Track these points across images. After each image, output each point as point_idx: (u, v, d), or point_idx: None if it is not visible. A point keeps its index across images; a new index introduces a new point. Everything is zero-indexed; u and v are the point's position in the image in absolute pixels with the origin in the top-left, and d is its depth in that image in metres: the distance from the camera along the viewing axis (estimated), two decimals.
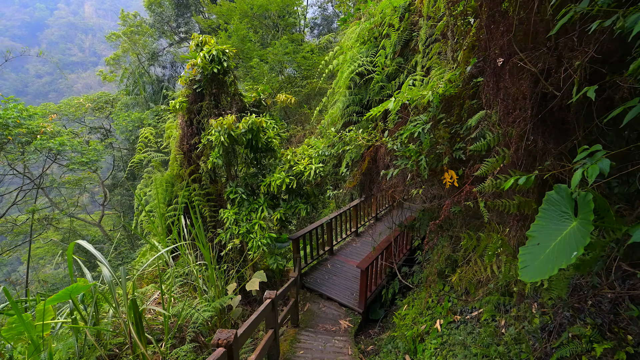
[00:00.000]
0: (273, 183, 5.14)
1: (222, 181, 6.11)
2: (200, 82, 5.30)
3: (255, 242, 5.14)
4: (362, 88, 4.67)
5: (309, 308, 6.14)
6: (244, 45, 12.42)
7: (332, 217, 7.58)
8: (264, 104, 6.03)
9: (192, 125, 5.54)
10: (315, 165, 4.92)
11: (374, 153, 4.25)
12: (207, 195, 5.73)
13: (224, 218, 5.39)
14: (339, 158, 4.99)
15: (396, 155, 3.43)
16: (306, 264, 7.14)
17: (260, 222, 5.28)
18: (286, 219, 5.66)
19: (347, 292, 6.43)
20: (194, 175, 5.58)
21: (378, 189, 4.69)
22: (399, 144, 3.15)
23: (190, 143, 5.59)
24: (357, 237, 8.77)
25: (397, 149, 3.15)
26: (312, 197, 5.95)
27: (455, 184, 2.88)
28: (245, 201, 5.56)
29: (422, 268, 5.55)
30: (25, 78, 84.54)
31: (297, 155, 5.29)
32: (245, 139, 4.98)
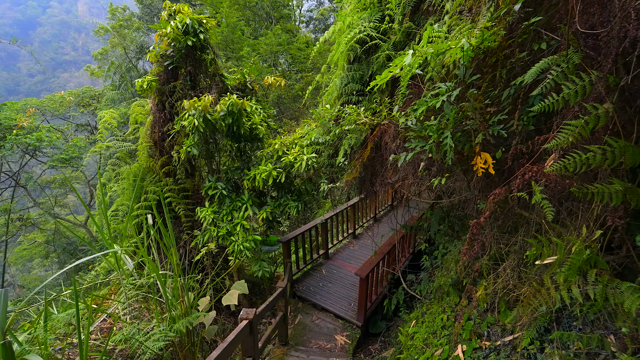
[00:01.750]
0: (258, 177, 4.37)
1: (202, 175, 5.33)
2: (173, 57, 4.52)
3: (237, 246, 4.37)
4: (363, 62, 3.93)
5: (300, 321, 5.37)
6: (234, 35, 11.64)
7: (327, 218, 6.83)
8: (249, 88, 5.27)
9: (165, 109, 4.76)
10: (307, 155, 4.17)
11: (379, 137, 3.51)
12: (182, 191, 4.94)
13: (201, 218, 4.61)
14: (335, 147, 4.24)
15: (409, 137, 2.69)
16: (298, 270, 6.37)
17: (244, 222, 4.51)
18: (274, 219, 4.89)
19: (344, 301, 5.68)
20: (166, 168, 4.79)
21: (382, 184, 3.94)
22: (414, 119, 2.41)
23: (163, 131, 4.81)
24: (355, 240, 8.03)
25: (412, 126, 2.41)
26: (305, 194, 5.19)
27: (491, 170, 2.14)
28: (226, 198, 4.79)
29: (430, 276, 4.81)
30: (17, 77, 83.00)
31: (286, 144, 4.53)
32: (224, 125, 4.21)
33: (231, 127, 4.30)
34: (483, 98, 2.20)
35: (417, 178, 3.29)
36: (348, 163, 3.74)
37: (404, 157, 2.51)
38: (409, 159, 2.45)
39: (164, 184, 4.69)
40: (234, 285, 3.81)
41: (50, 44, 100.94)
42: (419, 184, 3.34)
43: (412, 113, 2.57)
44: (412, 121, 2.41)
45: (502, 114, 2.08)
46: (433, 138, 2.29)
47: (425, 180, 3.19)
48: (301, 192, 5.18)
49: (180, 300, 3.03)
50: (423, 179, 3.24)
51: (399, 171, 3.47)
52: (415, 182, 3.25)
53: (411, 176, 3.31)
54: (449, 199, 3.37)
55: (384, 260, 5.43)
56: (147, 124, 4.90)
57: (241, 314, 2.80)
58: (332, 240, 7.33)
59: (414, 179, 3.29)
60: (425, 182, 3.15)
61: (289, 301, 5.85)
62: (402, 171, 3.45)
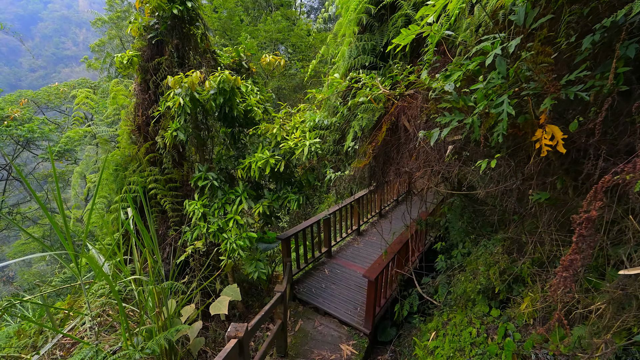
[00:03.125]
0: (254, 165, 3.81)
1: (193, 165, 4.77)
2: (157, 30, 3.95)
3: (230, 244, 3.83)
4: (375, 31, 3.35)
5: (301, 327, 4.85)
6: (232, 21, 11.02)
7: (330, 213, 6.28)
8: (245, 67, 4.69)
9: (149, 90, 4.19)
10: (309, 140, 3.60)
11: (396, 117, 2.94)
12: (169, 182, 4.39)
13: (189, 212, 4.07)
14: (342, 131, 3.67)
15: (440, 111, 2.12)
16: (299, 269, 5.84)
17: (237, 217, 3.96)
18: (272, 214, 4.34)
19: (349, 305, 5.15)
20: (150, 156, 4.23)
21: (397, 173, 3.38)
22: (452, 84, 1.84)
23: (147, 114, 4.25)
24: (360, 237, 7.49)
25: (451, 90, 1.83)
26: (306, 187, 4.64)
27: (561, 147, 1.58)
28: (218, 190, 4.24)
29: (448, 279, 4.26)
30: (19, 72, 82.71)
31: (286, 129, 3.97)
32: (215, 105, 3.65)
33: (223, 108, 3.73)
34: (552, 50, 1.62)
35: (442, 165, 2.72)
36: (358, 148, 3.17)
37: (437, 133, 1.93)
38: (445, 134, 1.87)
39: (148, 173, 4.14)
40: (224, 290, 3.28)
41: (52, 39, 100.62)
42: (443, 172, 2.77)
43: (450, 76, 1.99)
44: (450, 85, 1.84)
45: (581, 71, 1.51)
46: (480, 107, 1.71)
47: (454, 167, 2.62)
48: (302, 184, 4.63)
49: (157, 311, 2.50)
50: (451, 165, 2.67)
51: (420, 157, 2.90)
52: (441, 169, 2.69)
53: (436, 163, 2.74)
54: (470, 190, 2.80)
55: (393, 260, 4.88)
56: (129, 107, 4.35)
57: (229, 330, 2.26)
58: (335, 237, 6.80)
59: (439, 166, 2.72)
60: (454, 169, 2.59)
61: (289, 304, 5.33)
62: (422, 157, 2.89)
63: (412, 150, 2.98)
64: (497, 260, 2.82)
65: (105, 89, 18.76)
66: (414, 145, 2.91)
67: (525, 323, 2.76)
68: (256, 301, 6.12)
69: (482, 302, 3.21)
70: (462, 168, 2.59)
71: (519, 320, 2.79)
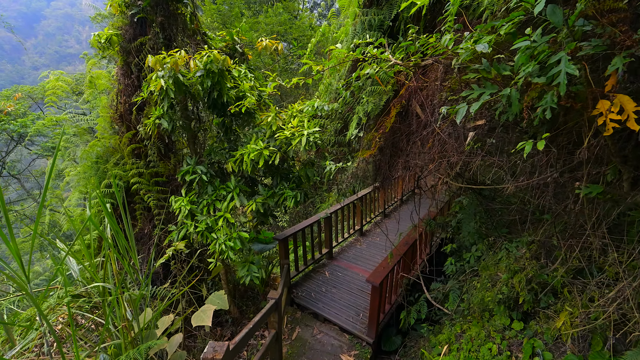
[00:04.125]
0: (246, 157, 3.43)
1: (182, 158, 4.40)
2: (140, 6, 3.57)
3: (219, 245, 3.45)
4: (383, 5, 2.95)
5: (299, 335, 4.47)
6: (232, 12, 10.64)
7: (331, 212, 5.90)
8: (239, 52, 4.31)
9: (132, 74, 3.82)
10: (308, 129, 3.22)
11: (406, 99, 2.54)
12: (155, 176, 4.02)
13: (175, 209, 3.69)
14: (344, 119, 3.28)
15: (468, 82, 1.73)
16: (297, 272, 5.46)
17: (227, 215, 3.58)
18: (267, 212, 3.96)
19: (351, 311, 4.76)
20: (131, 146, 3.85)
21: (405, 166, 2.98)
22: (485, 45, 1.44)
23: (130, 101, 3.87)
24: (362, 237, 7.11)
25: (484, 50, 1.44)
26: (305, 182, 4.26)
27: (633, 123, 1.19)
28: (208, 185, 3.86)
29: (460, 284, 3.87)
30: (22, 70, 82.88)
31: (282, 118, 3.58)
32: (202, 90, 3.27)
33: (211, 93, 3.35)
34: None
35: (461, 155, 2.33)
36: (363, 136, 2.78)
37: (464, 108, 1.54)
38: (476, 109, 1.48)
39: (130, 167, 3.76)
40: (209, 298, 2.90)
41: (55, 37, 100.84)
42: (463, 164, 2.38)
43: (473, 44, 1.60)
44: (484, 46, 1.44)
45: None
46: (526, 69, 1.32)
47: (475, 158, 2.23)
48: (301, 180, 4.25)
49: (123, 324, 2.13)
50: (472, 155, 2.27)
51: (434, 147, 2.51)
52: (460, 160, 2.29)
53: (454, 153, 2.35)
54: (495, 183, 2.39)
55: (399, 263, 4.49)
56: (111, 94, 3.97)
57: (206, 351, 1.86)
58: (336, 237, 6.42)
59: (457, 156, 2.32)
60: (475, 160, 2.19)
61: (286, 310, 4.95)
62: (437, 147, 2.49)
63: (425, 139, 2.59)
64: (524, 267, 2.43)
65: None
66: (428, 132, 2.51)
67: (556, 340, 2.37)
68: (252, 305, 5.75)
69: (502, 314, 2.81)
70: (486, 158, 2.19)
71: (547, 337, 2.40)
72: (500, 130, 2.11)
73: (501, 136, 2.12)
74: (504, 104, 1.51)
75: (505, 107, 1.52)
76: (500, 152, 2.17)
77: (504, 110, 1.53)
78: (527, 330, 2.62)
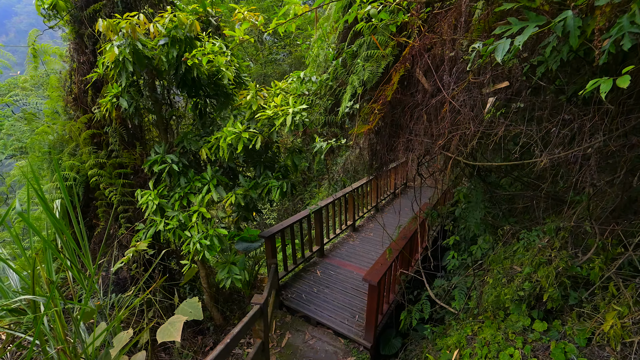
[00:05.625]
0: (222, 142, 2.95)
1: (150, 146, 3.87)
2: None
3: (193, 244, 2.97)
4: None
5: (289, 342, 4.03)
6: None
7: (322, 206, 5.48)
8: (214, 25, 3.80)
9: (86, 49, 3.27)
10: (294, 108, 2.77)
11: (410, 63, 2.13)
12: (118, 167, 3.49)
13: (142, 204, 3.18)
14: (335, 95, 2.84)
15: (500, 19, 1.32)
16: (287, 272, 5.02)
17: (202, 209, 3.10)
18: (249, 206, 3.49)
19: (346, 312, 4.36)
20: (86, 134, 3.31)
21: (408, 146, 2.57)
22: None
23: (85, 80, 3.32)
24: (355, 233, 6.72)
25: None
26: (292, 172, 3.81)
27: None
28: (180, 177, 3.36)
29: (466, 280, 3.51)
30: None
31: (263, 96, 3.12)
32: (166, 61, 2.77)
33: (178, 66, 2.85)
34: None
35: (479, 126, 1.93)
36: (358, 110, 2.35)
37: (506, 44, 1.12)
38: (523, 41, 1.06)
39: (87, 156, 3.22)
40: (180, 307, 2.42)
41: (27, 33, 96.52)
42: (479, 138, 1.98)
43: None
44: None
45: None
46: None
47: (498, 128, 1.83)
48: (288, 170, 3.80)
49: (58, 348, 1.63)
50: (493, 125, 1.88)
51: (445, 119, 2.11)
52: (477, 131, 1.89)
53: (470, 122, 1.94)
54: (517, 158, 2.00)
55: (397, 258, 4.11)
56: (64, 73, 3.41)
57: None
58: (327, 234, 6.00)
59: (474, 127, 1.92)
60: (498, 129, 1.80)
61: (275, 314, 4.51)
62: (448, 119, 2.09)
63: (433, 111, 2.19)
64: (550, 258, 2.06)
65: None
66: (438, 102, 2.11)
67: (589, 343, 2.01)
68: (237, 310, 5.27)
69: (521, 313, 2.45)
70: (511, 128, 1.80)
71: (579, 339, 2.04)
72: (529, 93, 1.72)
73: (530, 100, 1.73)
74: (555, 39, 1.10)
75: (561, 42, 1.11)
76: (528, 120, 1.78)
77: (557, 49, 1.13)
78: (551, 331, 2.27)
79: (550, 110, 1.63)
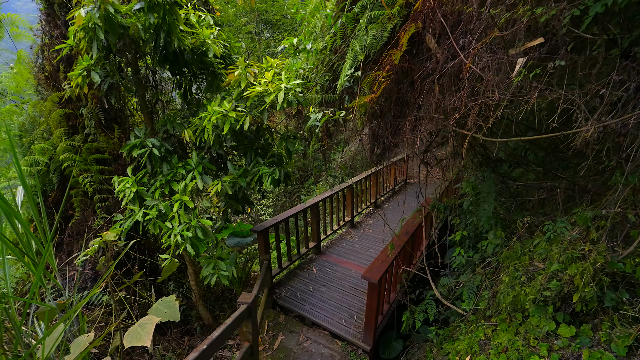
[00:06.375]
0: (206, 123, 2.64)
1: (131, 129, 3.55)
2: None
3: (174, 237, 2.66)
4: None
5: (281, 344, 3.73)
6: None
7: (319, 200, 5.17)
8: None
9: (58, 20, 2.94)
10: (287, 83, 2.45)
11: (422, 22, 1.82)
12: (95, 152, 3.17)
13: (119, 192, 2.87)
14: (333, 69, 2.53)
15: None
16: (281, 269, 4.71)
17: (185, 198, 2.78)
18: (238, 195, 3.18)
19: (343, 312, 4.06)
20: (57, 113, 2.98)
21: (415, 125, 2.26)
22: None
23: (55, 52, 2.99)
24: (353, 229, 6.43)
25: None
26: (287, 161, 3.50)
27: None
28: (163, 163, 3.05)
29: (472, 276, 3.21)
30: None
31: (252, 72, 2.80)
32: (143, 30, 2.45)
33: (158, 36, 2.53)
34: None
35: (504, 92, 1.63)
36: (361, 79, 2.03)
37: None
38: None
39: (58, 139, 2.90)
40: (153, 306, 2.10)
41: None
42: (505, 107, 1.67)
43: None
44: None
45: None
46: None
47: (530, 94, 1.53)
48: (282, 159, 3.49)
49: None
50: (524, 91, 1.58)
51: (464, 87, 1.81)
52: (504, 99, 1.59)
53: (494, 89, 1.64)
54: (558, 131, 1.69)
55: (399, 255, 3.80)
56: (35, 49, 3.09)
57: None
58: (325, 230, 5.69)
59: (500, 93, 1.62)
60: (531, 96, 1.49)
61: (267, 314, 4.20)
62: (466, 88, 1.79)
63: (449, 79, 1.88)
64: (584, 253, 1.76)
65: None
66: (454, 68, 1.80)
67: (629, 351, 1.71)
68: (228, 309, 4.96)
69: (544, 315, 2.15)
70: (546, 93, 1.49)
71: (618, 347, 1.74)
72: (570, 48, 1.41)
73: (571, 58, 1.43)
74: None
75: None
76: (567, 85, 1.48)
77: None
78: (580, 337, 1.97)
79: (599, 69, 1.33)
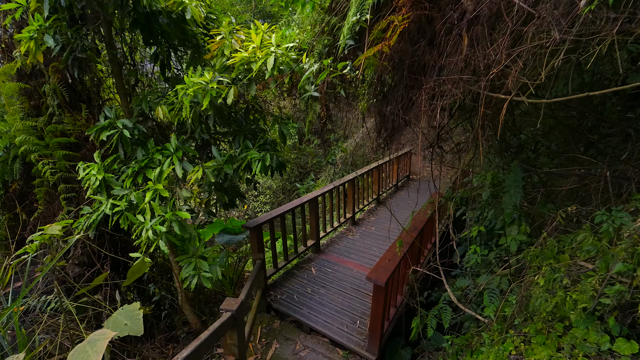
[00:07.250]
0: (184, 98, 2.22)
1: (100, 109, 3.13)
2: None
3: (146, 231, 2.24)
4: None
5: (276, 354, 3.31)
6: None
7: (318, 194, 4.77)
8: None
9: None
10: (277, 48, 2.04)
11: None
12: (60, 135, 2.75)
13: (84, 180, 2.46)
14: (333, 33, 2.11)
15: None
16: (276, 269, 4.30)
17: (159, 186, 2.37)
18: (222, 184, 2.76)
19: (345, 316, 3.65)
20: (9, 87, 2.56)
21: (433, 95, 1.85)
22: None
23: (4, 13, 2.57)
24: (355, 227, 6.02)
25: None
26: (280, 148, 3.09)
27: None
28: (138, 147, 2.64)
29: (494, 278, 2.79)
30: None
31: (239, 38, 2.38)
32: None
33: None
34: None
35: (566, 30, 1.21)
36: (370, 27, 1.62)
37: None
38: None
39: (12, 119, 2.49)
40: (112, 316, 1.68)
41: None
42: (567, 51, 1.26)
43: None
44: None
45: None
46: None
47: (608, 29, 1.11)
48: (276, 147, 3.08)
49: None
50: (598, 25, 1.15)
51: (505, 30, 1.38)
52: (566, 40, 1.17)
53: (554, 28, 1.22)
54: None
55: (408, 253, 3.39)
56: None
57: None
58: (324, 227, 5.29)
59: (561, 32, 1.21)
60: (609, 31, 1.08)
61: (260, 319, 3.79)
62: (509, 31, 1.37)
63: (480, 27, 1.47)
64: None
65: None
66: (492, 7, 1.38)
67: None
68: (219, 313, 4.55)
69: (591, 326, 1.74)
70: (630, 27, 1.08)
71: None
72: None
73: None
74: None
75: None
76: None
77: None
78: None
79: None
